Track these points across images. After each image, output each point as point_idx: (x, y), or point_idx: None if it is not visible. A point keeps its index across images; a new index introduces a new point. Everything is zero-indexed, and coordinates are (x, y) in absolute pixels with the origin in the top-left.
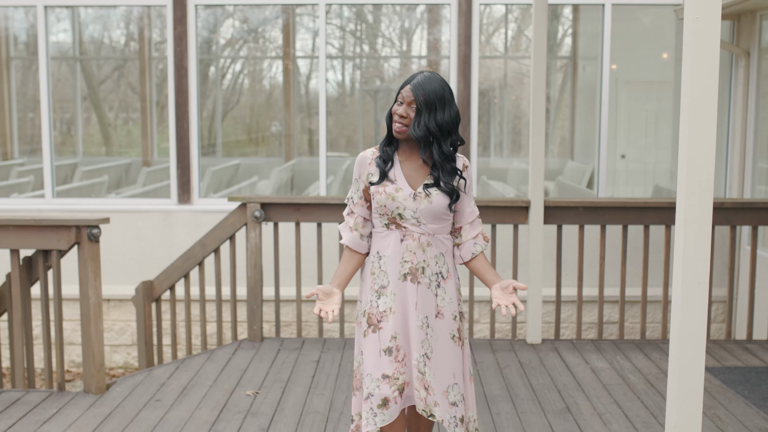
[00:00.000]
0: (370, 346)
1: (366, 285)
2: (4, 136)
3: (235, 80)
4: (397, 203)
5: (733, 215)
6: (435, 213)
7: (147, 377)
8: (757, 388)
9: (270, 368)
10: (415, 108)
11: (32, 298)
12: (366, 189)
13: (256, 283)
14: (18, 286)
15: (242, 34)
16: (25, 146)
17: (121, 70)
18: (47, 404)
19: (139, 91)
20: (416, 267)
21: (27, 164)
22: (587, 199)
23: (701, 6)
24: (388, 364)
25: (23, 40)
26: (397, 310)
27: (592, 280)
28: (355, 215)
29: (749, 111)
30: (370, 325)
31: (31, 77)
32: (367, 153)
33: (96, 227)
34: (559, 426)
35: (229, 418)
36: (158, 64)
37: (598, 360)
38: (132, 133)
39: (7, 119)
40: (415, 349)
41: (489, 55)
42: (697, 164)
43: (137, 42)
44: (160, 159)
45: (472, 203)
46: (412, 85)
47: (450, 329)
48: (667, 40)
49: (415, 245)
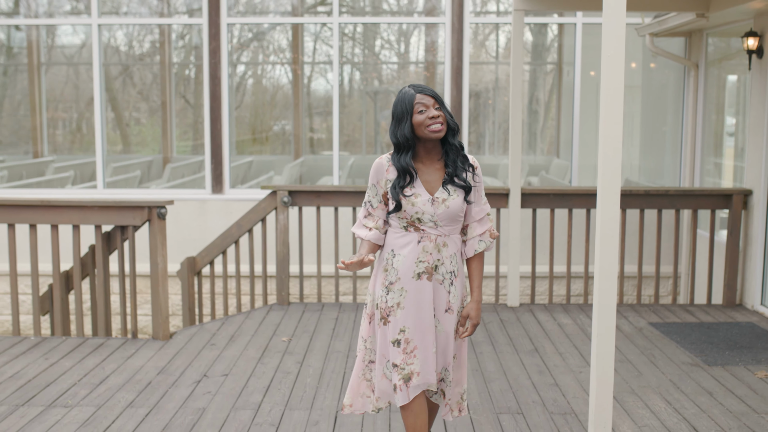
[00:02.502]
0: (382, 336)
1: (378, 280)
2: (35, 136)
3: (243, 82)
4: (416, 208)
5: (677, 201)
6: (452, 215)
7: (200, 329)
8: (688, 337)
9: (298, 323)
10: (438, 106)
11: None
12: (385, 194)
13: (284, 256)
14: (101, 255)
15: (250, 40)
16: (51, 145)
17: (139, 75)
18: (126, 347)
19: (159, 94)
20: (431, 266)
21: (57, 161)
22: (557, 188)
23: (611, 47)
24: (396, 354)
25: (48, 45)
26: (408, 305)
27: (562, 256)
28: (375, 218)
29: (698, 114)
30: (381, 318)
31: (47, 80)
32: (383, 159)
33: (163, 207)
34: (527, 360)
35: (271, 356)
36: (177, 71)
37: (564, 318)
38: (143, 133)
39: (38, 120)
40: (432, 338)
41: (484, 60)
42: (609, 159)
43: (158, 51)
44: (179, 156)
45: (481, 202)
46: (421, 91)
47: (456, 322)
48: (633, 52)
49: (432, 246)
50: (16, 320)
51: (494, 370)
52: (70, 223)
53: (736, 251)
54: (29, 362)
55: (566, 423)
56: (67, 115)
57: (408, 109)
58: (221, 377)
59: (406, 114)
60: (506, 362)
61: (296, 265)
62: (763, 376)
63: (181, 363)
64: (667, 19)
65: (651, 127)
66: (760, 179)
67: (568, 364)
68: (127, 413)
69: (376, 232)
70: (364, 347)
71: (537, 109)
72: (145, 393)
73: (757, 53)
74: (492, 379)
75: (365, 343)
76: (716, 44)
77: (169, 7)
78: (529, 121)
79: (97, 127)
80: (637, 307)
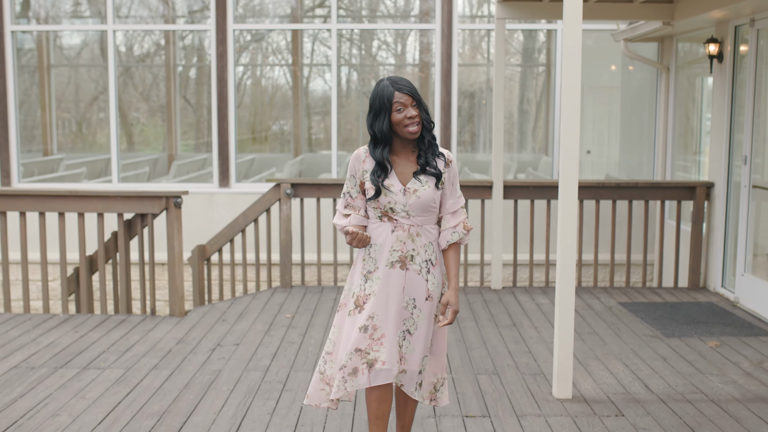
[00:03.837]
0: (351, 324)
1: (357, 270)
2: (45, 134)
3: (242, 83)
4: (389, 198)
5: (646, 192)
6: (423, 205)
7: (212, 308)
8: (652, 314)
9: (300, 303)
10: (415, 104)
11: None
12: (362, 184)
13: (287, 243)
14: (123, 240)
15: (249, 42)
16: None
17: (139, 75)
18: (146, 322)
19: (160, 94)
20: (405, 255)
21: (66, 159)
22: (536, 180)
23: (569, 54)
24: (362, 339)
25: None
26: (380, 293)
27: (542, 244)
28: (356, 208)
29: (669, 114)
30: (357, 306)
31: (51, 80)
32: (361, 151)
33: (179, 197)
34: (506, 333)
35: (277, 329)
36: (181, 72)
37: (543, 299)
38: (145, 132)
39: (47, 120)
40: (396, 326)
41: (479, 62)
42: (567, 156)
43: (163, 53)
44: (183, 154)
45: (456, 195)
46: (399, 89)
47: (436, 310)
48: (612, 55)
49: (405, 235)
50: (45, 300)
51: (475, 341)
52: (96, 212)
53: (699, 239)
54: (61, 334)
55: (535, 381)
56: (68, 115)
57: (386, 105)
58: (233, 346)
59: (385, 110)
60: (486, 334)
61: (298, 254)
62: (713, 345)
63: (197, 335)
64: (639, 26)
65: (630, 125)
66: (720, 173)
67: (542, 336)
68: (153, 374)
69: (358, 216)
70: (329, 340)
71: (528, 109)
72: (167, 358)
73: (718, 58)
74: (473, 348)
75: (331, 334)
76: (685, 49)
77: (172, 11)
78: (520, 120)
79: (112, 125)
80: (609, 290)
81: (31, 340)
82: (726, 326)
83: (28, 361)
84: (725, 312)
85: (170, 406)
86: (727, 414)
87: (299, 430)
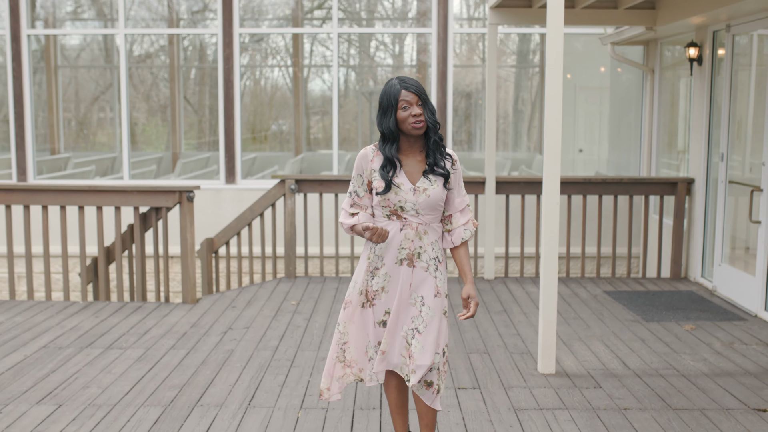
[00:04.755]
0: (366, 319)
1: (362, 267)
2: (52, 134)
3: (242, 84)
4: (399, 197)
5: (630, 188)
6: (432, 204)
7: (221, 296)
8: (635, 301)
9: (304, 292)
10: (421, 103)
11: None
12: (369, 183)
13: (292, 236)
14: (138, 232)
15: (248, 44)
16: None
17: (138, 76)
18: (161, 309)
19: (160, 94)
20: (413, 253)
21: (74, 157)
22: (526, 176)
23: (552, 57)
24: (381, 333)
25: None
26: (391, 289)
27: (532, 237)
28: (363, 207)
29: (654, 114)
30: (367, 300)
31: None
32: (368, 150)
33: (191, 191)
34: (497, 318)
35: (283, 315)
36: (185, 72)
37: (532, 288)
38: (147, 131)
39: (54, 119)
40: (404, 323)
41: (476, 63)
42: (551, 148)
43: (167, 54)
44: (187, 153)
45: (462, 193)
46: (406, 87)
47: (444, 306)
48: (602, 57)
49: (413, 234)
50: (66, 288)
51: (468, 324)
52: (113, 205)
53: (681, 232)
54: (83, 319)
55: (522, 359)
56: (69, 115)
57: (393, 103)
58: (243, 329)
59: (391, 108)
60: (478, 319)
61: (302, 247)
62: (689, 329)
63: (209, 320)
64: (624, 30)
65: (618, 125)
66: (700, 169)
67: (530, 320)
68: (171, 353)
69: (365, 214)
70: (338, 332)
71: (523, 109)
72: (183, 340)
73: (698, 61)
74: (465, 330)
75: (339, 328)
76: (669, 52)
77: (173, 12)
78: (515, 120)
79: (124, 124)
80: (596, 280)
81: (56, 324)
82: (702, 312)
83: (55, 342)
84: (703, 299)
85: (189, 379)
86: (695, 386)
87: (307, 399)
